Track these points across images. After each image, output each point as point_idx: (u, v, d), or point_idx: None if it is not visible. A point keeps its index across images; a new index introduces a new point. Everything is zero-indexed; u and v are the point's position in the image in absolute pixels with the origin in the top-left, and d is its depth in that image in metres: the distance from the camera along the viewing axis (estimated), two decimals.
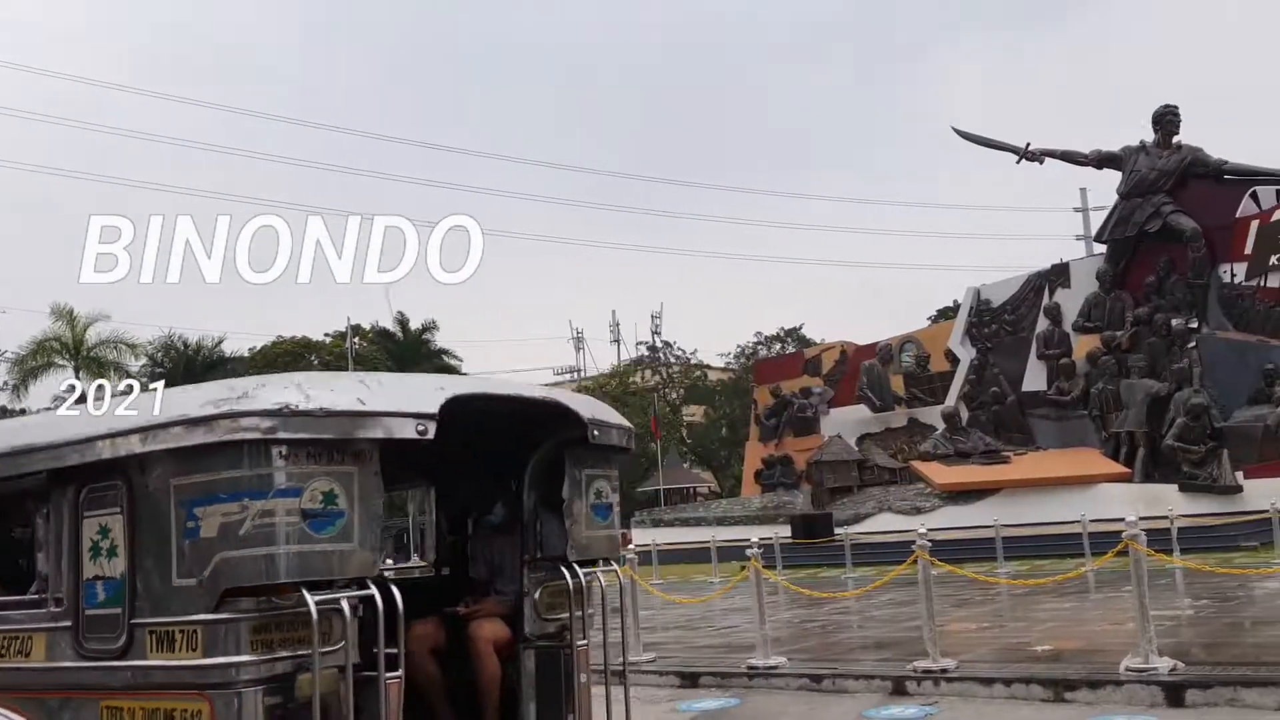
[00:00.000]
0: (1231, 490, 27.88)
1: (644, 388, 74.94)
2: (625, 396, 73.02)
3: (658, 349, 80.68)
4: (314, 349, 68.70)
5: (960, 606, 15.83)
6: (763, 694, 9.87)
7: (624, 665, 5.81)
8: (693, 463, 73.93)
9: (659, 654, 11.89)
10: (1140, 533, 9.02)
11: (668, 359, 78.67)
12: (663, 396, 73.70)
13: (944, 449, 33.68)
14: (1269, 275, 30.40)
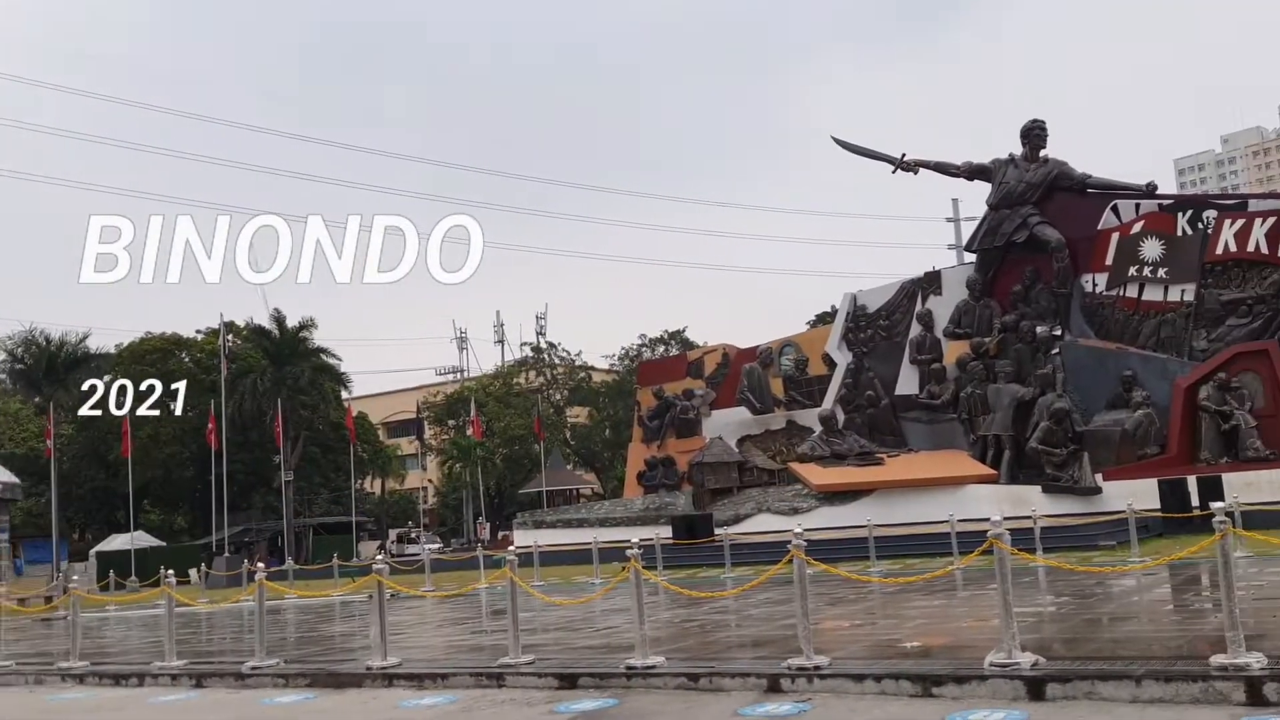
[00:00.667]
0: (1091, 492, 29.11)
1: (528, 389, 74.58)
2: (509, 397, 72.62)
3: (542, 350, 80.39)
4: (184, 346, 66.50)
5: (835, 605, 16.18)
6: (641, 694, 9.92)
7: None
8: (576, 464, 73.88)
9: (538, 656, 11.85)
10: (1004, 532, 9.34)
11: (552, 360, 78.43)
12: (547, 398, 73.44)
13: (821, 451, 34.34)
14: (1128, 285, 31.89)
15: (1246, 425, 28.25)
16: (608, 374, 77.13)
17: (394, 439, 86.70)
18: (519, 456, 70.07)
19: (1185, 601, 14.46)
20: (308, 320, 63.37)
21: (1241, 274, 30.11)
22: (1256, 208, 30.77)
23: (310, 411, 62.81)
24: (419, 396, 77.75)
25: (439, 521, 79.56)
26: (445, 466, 72.63)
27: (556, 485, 62.92)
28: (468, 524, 68.25)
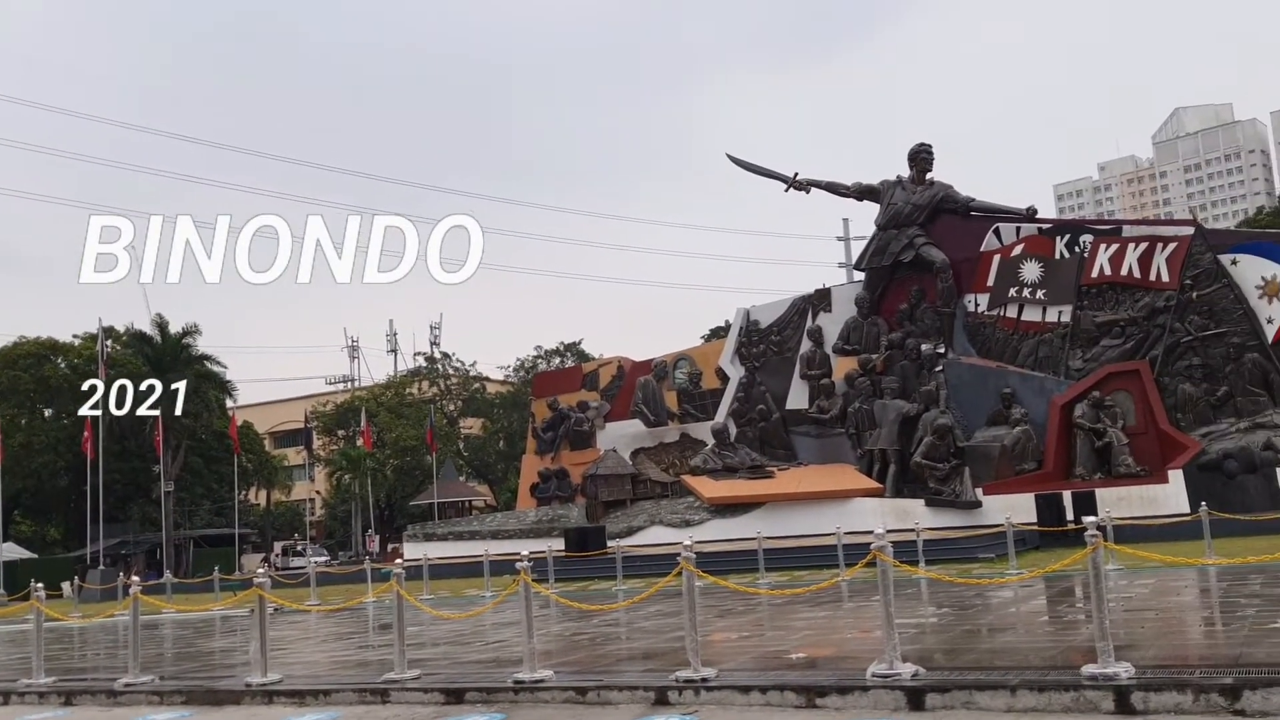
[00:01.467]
0: (972, 505, 30.00)
1: (421, 399, 73.61)
2: (401, 407, 71.59)
3: (436, 360, 79.49)
4: (60, 351, 63.89)
5: (723, 617, 16.32)
6: (529, 708, 9.86)
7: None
8: (469, 476, 73.16)
9: (425, 671, 11.68)
10: (888, 545, 9.55)
11: (446, 370, 77.58)
12: (440, 408, 72.58)
13: (713, 464, 34.69)
14: (1008, 306, 33.00)
15: (1119, 442, 29.45)
16: (503, 385, 76.65)
17: (281, 449, 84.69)
18: (410, 468, 69.12)
19: (1059, 613, 14.94)
20: (191, 326, 61.57)
21: (1115, 296, 31.43)
22: (1130, 233, 32.16)
23: (193, 420, 60.97)
24: (308, 406, 76.13)
25: (326, 534, 77.91)
26: (334, 478, 71.21)
27: (449, 497, 62.20)
28: (356, 536, 67.00)
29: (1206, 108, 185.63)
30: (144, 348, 61.13)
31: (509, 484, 63.20)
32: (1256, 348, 29.41)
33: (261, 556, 59.98)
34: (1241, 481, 27.78)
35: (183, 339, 61.15)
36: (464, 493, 66.30)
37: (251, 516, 72.11)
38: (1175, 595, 15.92)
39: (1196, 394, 29.71)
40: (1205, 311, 30.08)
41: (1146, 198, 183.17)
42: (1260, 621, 11.68)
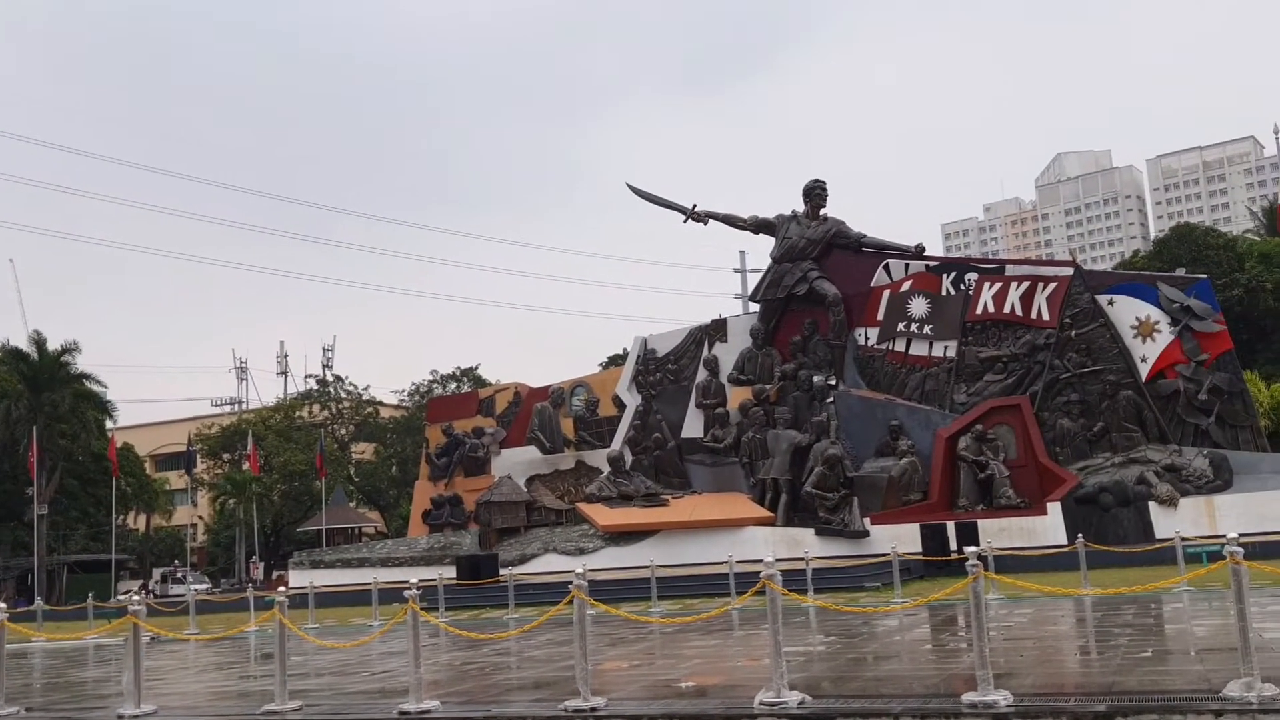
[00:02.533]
0: (860, 535, 30.57)
1: (311, 422, 72.05)
2: (291, 431, 69.94)
3: (328, 383, 77.96)
4: None
5: (616, 645, 16.31)
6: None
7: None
8: (360, 502, 71.79)
9: (306, 702, 11.41)
10: (777, 573, 9.68)
11: (338, 394, 76.11)
12: (331, 433, 71.13)
13: (608, 491, 34.70)
14: (897, 340, 33.85)
15: (1000, 475, 30.37)
16: (397, 410, 75.52)
17: (163, 472, 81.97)
18: (299, 493, 67.53)
19: (942, 641, 15.31)
20: (70, 344, 59.29)
21: (998, 333, 32.50)
22: (1012, 273, 33.33)
23: (69, 441, 58.64)
24: (192, 428, 73.90)
25: (209, 561, 75.48)
26: (218, 502, 69.14)
27: (338, 523, 60.91)
28: (239, 563, 65.08)
29: (1087, 154, 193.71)
30: (20, 365, 58.66)
31: (401, 510, 62.20)
32: (1131, 385, 30.68)
33: (139, 583, 57.80)
34: (1116, 514, 28.86)
35: (61, 356, 58.86)
36: (354, 519, 65.00)
37: (130, 542, 69.51)
38: (1053, 624, 16.42)
39: (1074, 429, 30.83)
40: (1083, 349, 31.29)
41: (1029, 238, 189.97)
42: (1132, 650, 12.14)
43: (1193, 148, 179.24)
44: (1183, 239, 54.63)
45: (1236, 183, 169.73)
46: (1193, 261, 47.33)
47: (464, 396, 48.51)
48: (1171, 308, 30.76)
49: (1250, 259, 51.17)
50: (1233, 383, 30.34)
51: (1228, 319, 32.58)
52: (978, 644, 8.83)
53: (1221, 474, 28.62)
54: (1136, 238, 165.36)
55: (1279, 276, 47.32)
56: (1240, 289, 47.77)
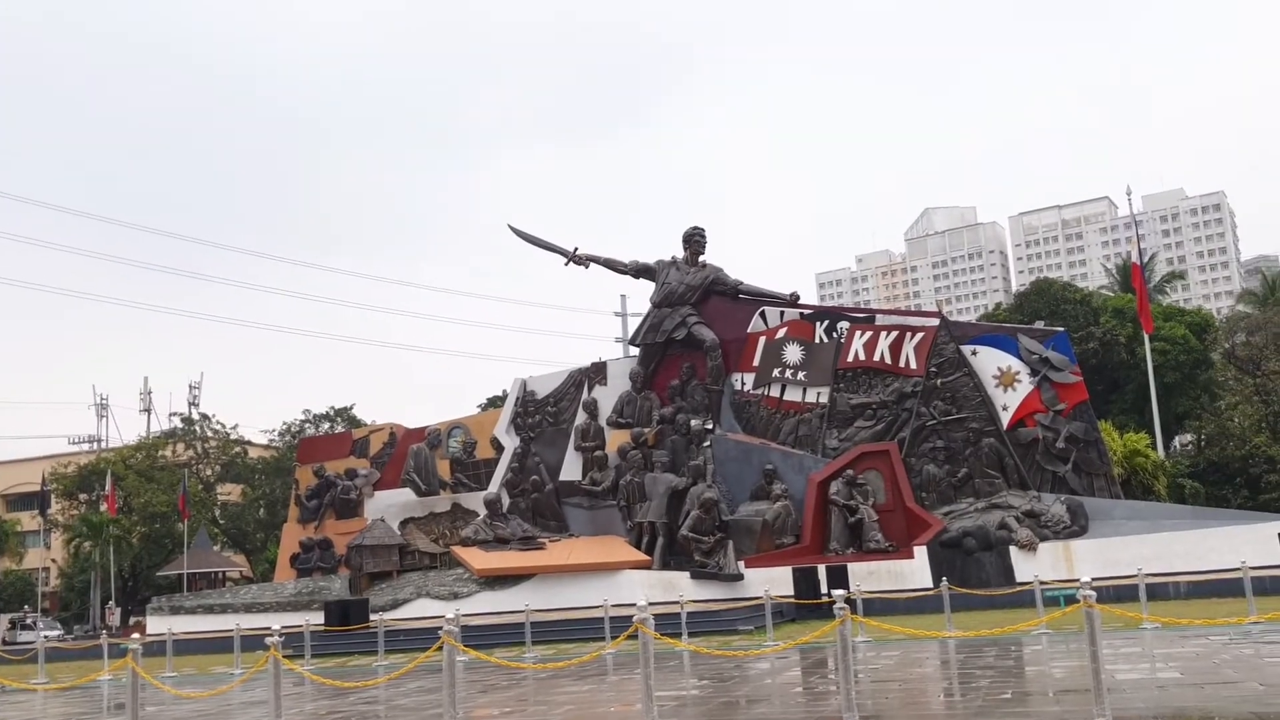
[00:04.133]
0: (734, 578, 30.84)
1: (175, 462, 69.42)
2: (153, 471, 67.25)
3: (194, 421, 75.33)
4: None
5: (487, 692, 16.09)
6: None
7: None
8: (225, 545, 69.31)
9: None
10: (649, 617, 9.73)
11: (204, 432, 73.57)
12: (196, 473, 68.64)
13: (484, 535, 34.29)
14: (772, 385, 34.48)
15: (869, 519, 31.07)
16: (266, 450, 73.32)
17: (14, 513, 77.82)
18: (160, 535, 64.84)
19: (812, 684, 15.54)
20: None
21: (868, 381, 33.40)
22: (882, 322, 34.35)
23: None
24: (47, 467, 70.42)
25: (62, 606, 71.69)
26: (72, 545, 65.88)
27: (201, 567, 58.65)
28: (95, 609, 62.02)
29: (954, 209, 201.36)
30: None
31: (268, 554, 60.22)
32: (993, 433, 31.84)
33: None
34: (979, 558, 29.77)
35: None
36: (218, 563, 62.69)
37: None
38: (918, 667, 16.84)
39: (939, 475, 31.79)
40: (948, 397, 32.36)
41: (899, 289, 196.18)
42: (993, 692, 12.53)
43: (1052, 206, 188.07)
44: (1042, 293, 57.10)
45: (1093, 240, 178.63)
46: (1051, 315, 49.51)
47: (337, 437, 47.40)
48: (1031, 359, 32.09)
49: (1105, 313, 53.74)
50: (1088, 432, 31.74)
51: (1083, 370, 34.12)
52: (844, 687, 9.02)
53: (1078, 520, 29.83)
54: (999, 291, 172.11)
55: (1132, 330, 49.73)
56: (1095, 342, 50.05)
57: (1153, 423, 43.92)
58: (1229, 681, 12.05)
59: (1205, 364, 52.95)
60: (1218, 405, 51.63)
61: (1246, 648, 15.60)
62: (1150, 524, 29.20)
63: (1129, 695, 11.26)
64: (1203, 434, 52.52)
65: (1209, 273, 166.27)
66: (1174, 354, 50.09)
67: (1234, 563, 21.75)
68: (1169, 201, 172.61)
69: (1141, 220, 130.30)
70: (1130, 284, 52.16)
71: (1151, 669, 13.98)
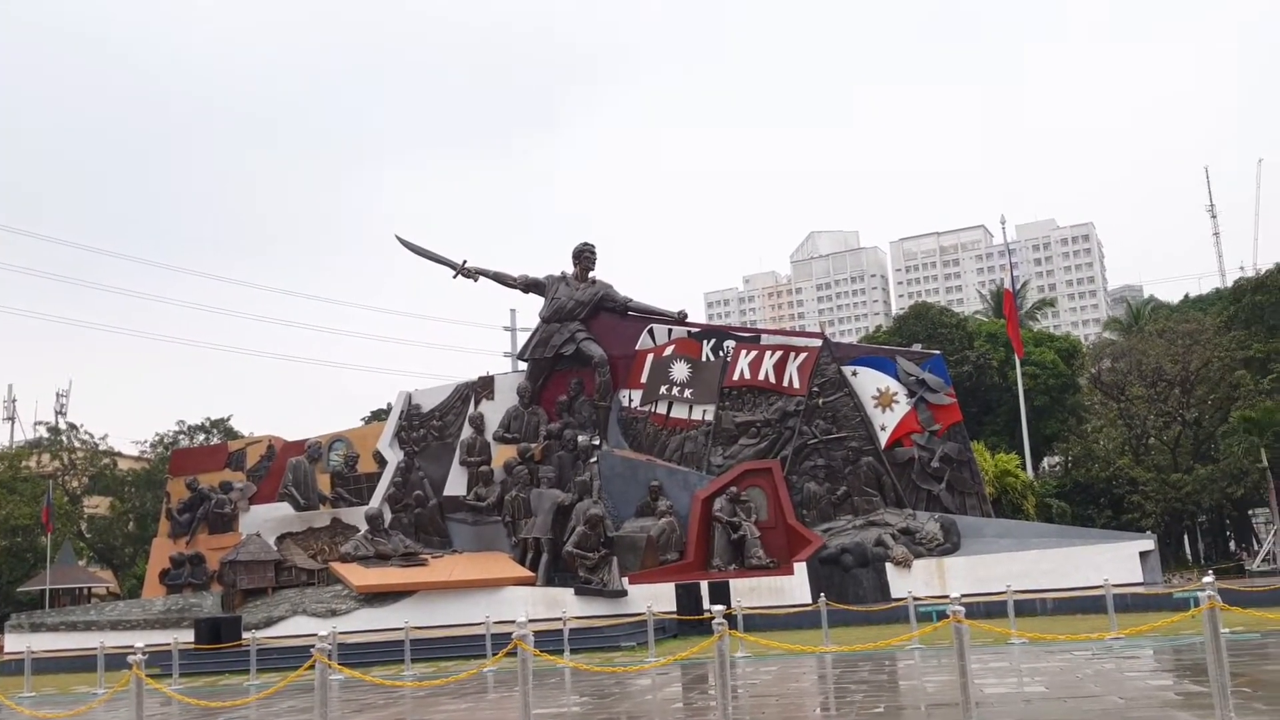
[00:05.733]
0: (618, 594, 30.90)
1: (40, 473, 66.42)
2: (15, 482, 64.20)
3: (61, 431, 72.24)
4: None
5: (362, 711, 15.78)
6: None
7: None
8: (91, 560, 66.55)
9: None
10: (529, 634, 9.68)
11: (72, 443, 70.58)
12: (61, 484, 65.78)
13: (365, 550, 33.68)
14: (659, 402, 34.72)
15: (752, 535, 31.49)
16: (138, 461, 70.70)
17: None
18: (21, 549, 61.85)
19: (691, 699, 15.65)
20: None
21: (753, 399, 33.91)
22: (767, 342, 34.93)
23: None
24: None
25: None
26: None
27: (65, 583, 56.12)
28: None
29: (837, 233, 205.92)
30: None
31: (137, 570, 57.99)
32: (872, 452, 32.61)
33: None
34: (856, 574, 30.40)
35: None
36: (83, 578, 60.09)
37: None
38: (796, 681, 17.10)
39: (820, 492, 32.42)
40: (829, 417, 33.05)
41: (784, 310, 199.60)
42: (866, 706, 12.80)
43: (931, 233, 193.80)
44: (920, 317, 58.81)
45: (969, 267, 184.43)
46: (928, 338, 51.00)
47: (212, 449, 45.98)
48: (909, 380, 33.01)
49: (979, 338, 55.63)
50: (961, 452, 32.76)
51: (958, 393, 35.20)
52: (721, 702, 9.12)
53: (951, 537, 30.72)
54: (880, 314, 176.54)
55: (1004, 355, 51.55)
56: (970, 365, 51.74)
57: (1023, 444, 45.57)
58: (1091, 695, 12.54)
59: (1073, 388, 55.22)
60: (1084, 428, 53.85)
61: (1108, 662, 16.26)
62: (1019, 542, 30.24)
63: (996, 709, 11.63)
64: (1069, 455, 54.73)
65: (1078, 300, 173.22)
66: (1043, 378, 52.10)
67: (1097, 580, 22.67)
68: (1041, 231, 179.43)
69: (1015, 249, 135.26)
70: (1003, 310, 54.02)
71: (1019, 683, 14.47)
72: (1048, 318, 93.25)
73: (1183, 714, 10.29)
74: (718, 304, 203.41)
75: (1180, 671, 14.92)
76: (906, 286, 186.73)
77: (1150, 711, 10.72)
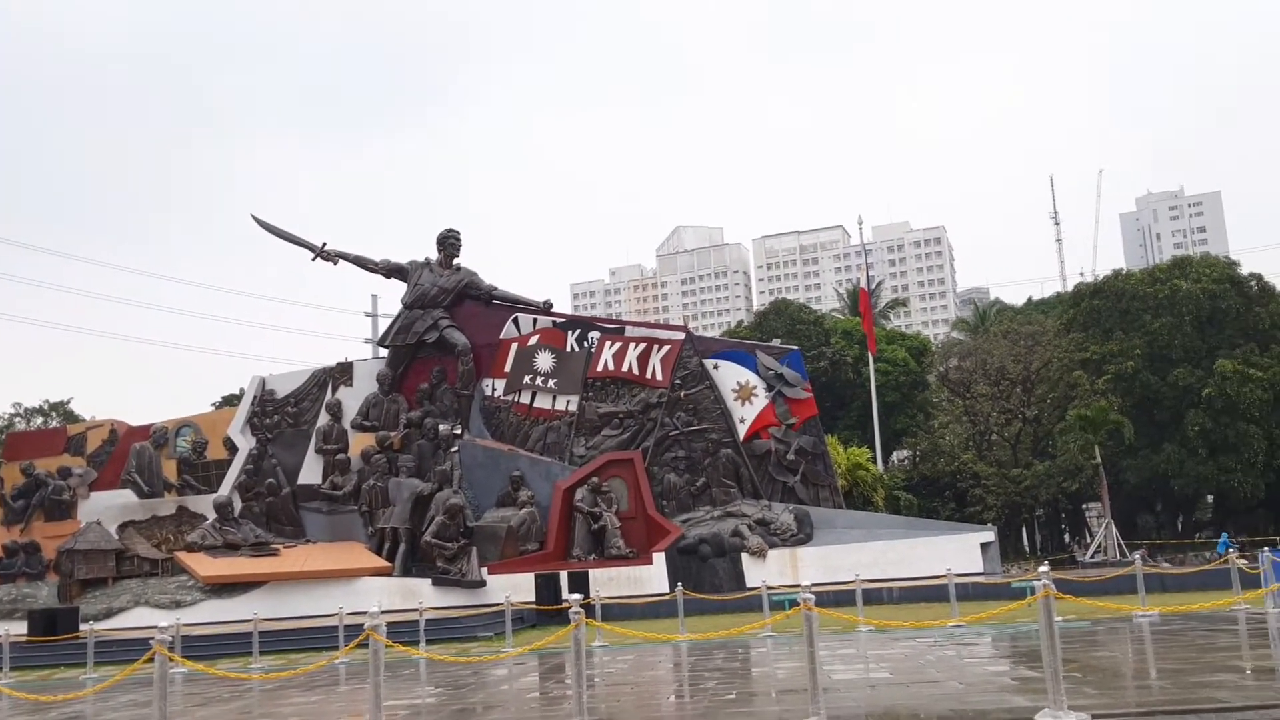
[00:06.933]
0: (477, 585, 30.70)
1: None
2: None
3: None
4: None
5: (207, 705, 15.29)
6: None
7: None
8: None
9: None
10: (382, 624, 9.55)
11: None
12: None
13: (213, 540, 32.61)
14: (523, 392, 34.59)
15: (612, 526, 31.69)
16: None
17: None
18: None
19: (548, 689, 15.67)
20: None
21: (616, 390, 34.09)
22: (631, 334, 35.15)
23: None
24: None
25: None
26: None
27: None
28: None
29: (702, 229, 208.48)
30: None
31: None
32: (731, 444, 33.18)
33: None
34: (713, 564, 30.92)
35: None
36: None
37: None
38: (651, 670, 17.28)
39: (680, 483, 32.82)
40: (691, 409, 33.49)
41: (650, 303, 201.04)
42: (719, 693, 13.03)
43: (792, 232, 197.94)
44: (780, 313, 60.14)
45: (827, 266, 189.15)
46: (787, 334, 52.20)
47: (50, 432, 43.74)
48: (767, 374, 33.70)
49: (835, 335, 57.18)
50: (816, 445, 33.63)
51: (814, 387, 36.12)
52: (576, 691, 9.17)
53: (804, 528, 31.51)
54: (742, 309, 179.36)
55: (858, 352, 53.10)
56: (826, 361, 53.15)
57: (874, 438, 47.05)
58: (933, 681, 13.03)
59: (922, 385, 57.28)
60: (931, 424, 55.92)
61: (950, 649, 16.93)
62: (868, 533, 31.23)
63: (843, 694, 11.98)
64: (917, 450, 56.76)
65: (929, 301, 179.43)
66: (895, 375, 53.89)
67: (940, 570, 23.56)
68: (896, 233, 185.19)
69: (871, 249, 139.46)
70: (859, 308, 55.62)
71: (865, 669, 14.94)
72: (900, 317, 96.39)
73: (1018, 698, 10.80)
74: (584, 295, 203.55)
75: (1016, 657, 15.66)
76: (768, 283, 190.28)
77: (987, 696, 11.21)
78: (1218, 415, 46.42)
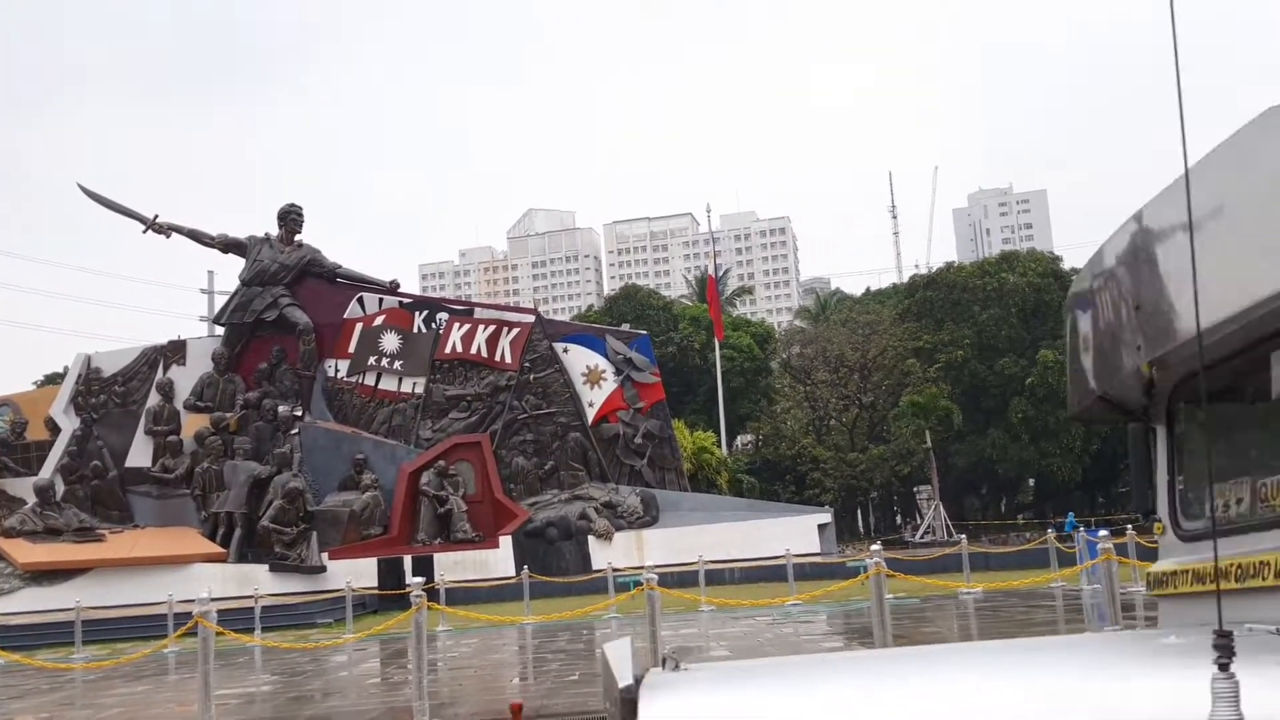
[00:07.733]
0: (317, 570, 29.98)
1: None
2: None
3: None
4: None
5: (22, 698, 14.51)
6: None
7: None
8: None
9: None
10: (212, 611, 9.26)
11: None
12: None
13: (33, 525, 30.89)
14: (367, 373, 33.88)
15: (459, 509, 31.39)
16: None
17: None
18: None
19: (389, 674, 15.48)
20: None
21: (465, 373, 33.76)
22: (481, 316, 34.84)
23: None
24: None
25: None
26: None
27: None
28: None
29: (554, 212, 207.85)
30: None
31: None
32: (579, 428, 33.28)
33: None
34: (560, 547, 31.01)
35: None
36: None
37: None
38: (496, 653, 17.28)
39: (528, 467, 32.77)
40: (540, 392, 33.44)
41: (500, 286, 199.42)
42: (562, 674, 13.12)
43: (642, 218, 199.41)
44: (629, 298, 60.51)
45: (676, 253, 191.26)
46: (636, 319, 52.52)
47: None
48: (616, 359, 33.91)
49: (683, 321, 57.89)
50: (663, 429, 34.05)
51: (662, 372, 36.52)
52: (416, 675, 9.09)
53: (650, 510, 31.90)
54: (592, 294, 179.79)
55: (705, 338, 53.91)
56: (674, 346, 53.78)
57: (719, 423, 47.93)
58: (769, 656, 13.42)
59: (765, 371, 58.58)
60: (774, 409, 57.24)
61: (787, 627, 17.45)
62: (712, 515, 31.83)
63: None
64: (760, 434, 58.07)
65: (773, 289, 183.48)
66: (740, 361, 54.95)
67: (780, 550, 24.23)
68: (743, 222, 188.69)
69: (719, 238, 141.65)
70: (706, 295, 56.45)
71: (705, 646, 15.26)
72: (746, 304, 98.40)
73: None
74: (433, 276, 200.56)
75: (850, 633, 16.25)
76: (618, 269, 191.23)
77: None
78: (1040, 403, 48.90)
